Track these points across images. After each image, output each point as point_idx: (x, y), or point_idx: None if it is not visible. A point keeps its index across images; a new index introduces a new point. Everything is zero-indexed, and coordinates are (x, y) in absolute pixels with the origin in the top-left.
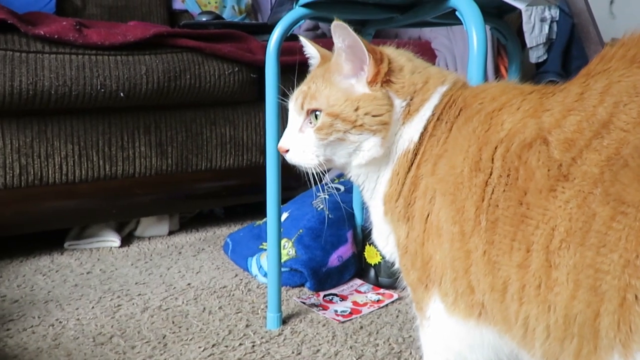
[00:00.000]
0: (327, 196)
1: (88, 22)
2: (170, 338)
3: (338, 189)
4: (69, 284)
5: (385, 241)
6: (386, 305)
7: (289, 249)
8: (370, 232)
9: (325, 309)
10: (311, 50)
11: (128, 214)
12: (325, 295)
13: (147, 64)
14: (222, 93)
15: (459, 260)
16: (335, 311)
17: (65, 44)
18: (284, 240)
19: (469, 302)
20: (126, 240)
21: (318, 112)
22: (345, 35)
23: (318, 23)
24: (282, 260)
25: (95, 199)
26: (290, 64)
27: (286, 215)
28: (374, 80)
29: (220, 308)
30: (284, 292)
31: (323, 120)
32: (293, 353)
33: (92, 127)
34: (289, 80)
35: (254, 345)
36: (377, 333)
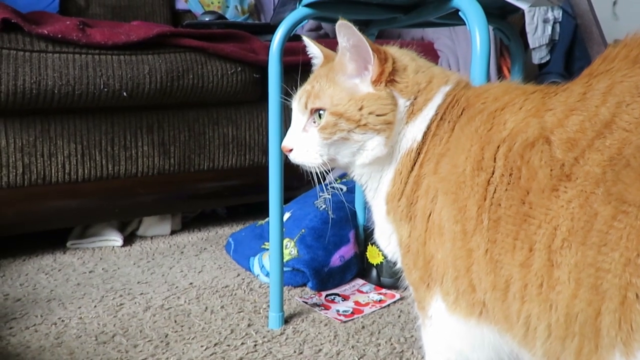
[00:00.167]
0: (330, 196)
1: (91, 22)
2: (173, 337)
3: (340, 189)
4: (72, 283)
5: (388, 240)
6: (388, 305)
7: (291, 249)
8: (372, 232)
9: (327, 308)
10: (314, 50)
11: (130, 214)
12: (327, 295)
13: (150, 63)
14: (225, 93)
15: (461, 259)
16: (337, 311)
17: (69, 43)
18: (286, 240)
19: (470, 301)
20: (128, 240)
21: (322, 112)
22: (350, 35)
23: (321, 23)
24: (284, 260)
25: (97, 199)
26: (293, 64)
27: (288, 215)
28: (378, 79)
29: (222, 307)
30: (286, 292)
31: (327, 120)
32: (295, 352)
33: (95, 127)
34: (292, 79)
35: (255, 345)
36: (379, 333)
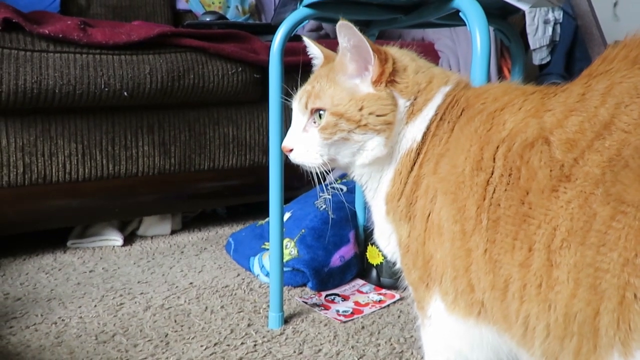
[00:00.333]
0: (330, 196)
1: (92, 22)
2: (173, 337)
3: (341, 189)
4: (72, 282)
5: (387, 241)
6: (388, 305)
7: (291, 249)
8: (372, 232)
9: (327, 308)
10: (315, 51)
11: (131, 213)
12: (327, 295)
13: (151, 63)
14: (226, 93)
15: (460, 259)
16: (337, 311)
17: (70, 43)
18: (286, 240)
19: (469, 301)
20: (129, 239)
21: (322, 112)
22: (351, 35)
23: (321, 23)
24: (285, 260)
25: (98, 198)
26: (293, 64)
27: (288, 215)
28: (379, 80)
29: (222, 307)
30: (286, 292)
31: (327, 120)
32: (295, 352)
33: (96, 126)
34: (292, 80)
35: (255, 345)
36: (379, 333)
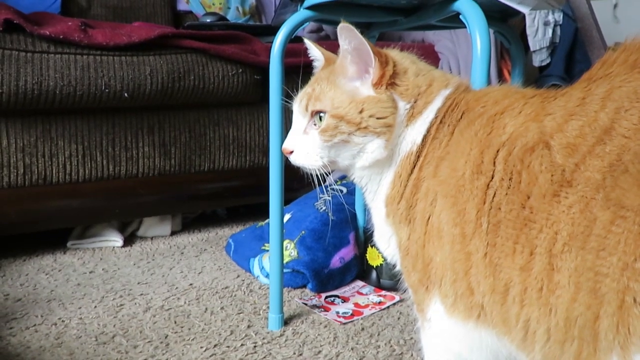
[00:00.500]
0: (330, 198)
1: (93, 23)
2: (172, 338)
3: (341, 191)
4: (72, 283)
5: (387, 243)
6: (388, 307)
7: (291, 250)
8: (372, 234)
9: (326, 310)
10: (315, 53)
11: (131, 214)
12: (326, 297)
13: (152, 64)
14: (226, 94)
15: (459, 262)
16: (337, 313)
17: (71, 44)
18: (286, 241)
19: (468, 304)
20: (129, 240)
21: (322, 114)
22: (352, 37)
23: (322, 25)
24: (284, 262)
25: (98, 199)
26: (294, 65)
27: (288, 216)
28: (379, 82)
29: (222, 308)
30: (286, 293)
31: (328, 122)
32: (294, 354)
33: (96, 127)
34: (293, 81)
35: (255, 346)
36: (379, 335)
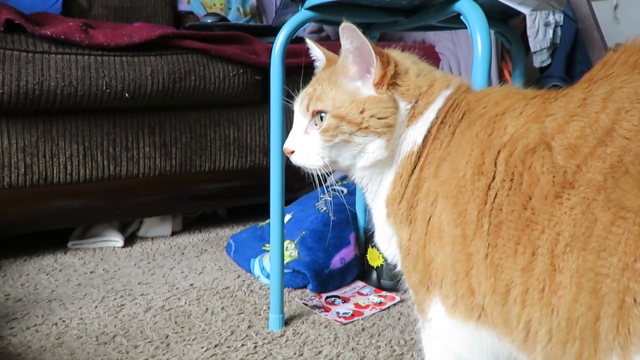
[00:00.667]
0: (331, 198)
1: (94, 23)
2: (173, 338)
3: (341, 191)
4: (73, 283)
5: (388, 243)
6: (388, 307)
7: (291, 251)
8: (372, 235)
9: (327, 310)
10: (317, 53)
11: (131, 214)
12: (327, 297)
13: (153, 65)
14: (227, 94)
15: (460, 263)
16: (338, 313)
17: (72, 44)
18: (287, 241)
19: (469, 305)
20: (129, 241)
21: (323, 114)
22: (354, 37)
23: (322, 26)
24: (285, 262)
25: (99, 199)
26: (295, 66)
27: (289, 216)
28: (381, 82)
29: (222, 309)
30: (286, 294)
31: (329, 122)
32: (295, 354)
33: (97, 128)
34: (294, 82)
35: (256, 346)
36: (379, 335)
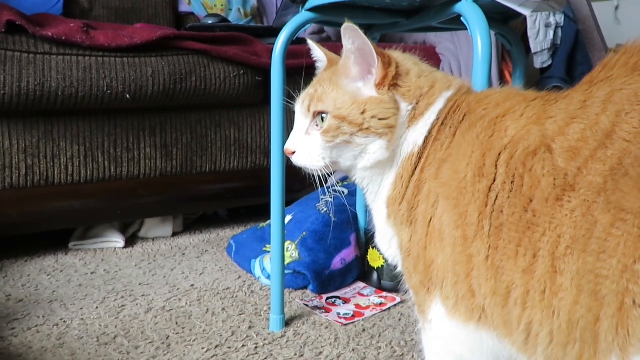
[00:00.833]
0: (331, 199)
1: (95, 24)
2: (174, 339)
3: (342, 192)
4: (74, 284)
5: (388, 244)
6: (389, 308)
7: (292, 252)
8: (373, 235)
9: (328, 311)
10: (318, 54)
11: (132, 215)
12: (328, 298)
13: (154, 66)
14: (228, 95)
15: (461, 265)
16: (338, 314)
17: (73, 45)
18: (288, 242)
19: (469, 306)
20: (130, 241)
21: (324, 115)
22: (356, 38)
23: (323, 27)
24: (286, 263)
25: (100, 200)
26: (295, 67)
27: (290, 217)
28: (382, 83)
29: (223, 309)
30: (287, 295)
31: (330, 123)
32: (296, 355)
33: (98, 128)
34: (295, 82)
35: (256, 347)
36: (380, 336)
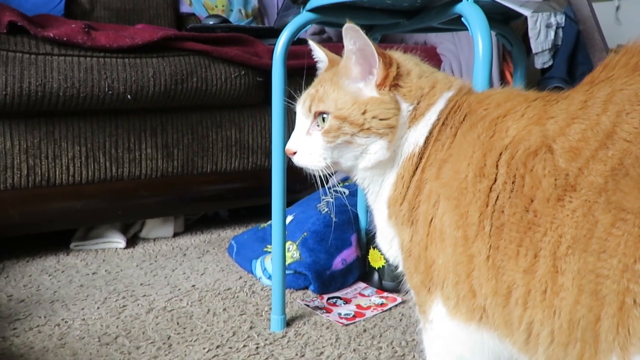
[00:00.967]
0: (332, 199)
1: (96, 25)
2: (175, 339)
3: (343, 192)
4: (75, 284)
5: (389, 244)
6: (390, 308)
7: (293, 252)
8: (374, 236)
9: (329, 311)
10: (320, 54)
11: (133, 216)
12: (329, 298)
13: (155, 66)
14: (228, 96)
15: (462, 265)
16: (339, 314)
17: (74, 46)
18: (289, 243)
19: (470, 306)
20: (131, 242)
21: (325, 115)
22: (357, 38)
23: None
24: (287, 263)
25: (101, 200)
26: (296, 67)
27: (291, 218)
28: (383, 83)
29: (224, 310)
30: (288, 295)
31: (331, 123)
32: (297, 355)
33: (99, 129)
34: (296, 83)
35: (257, 347)
36: (381, 336)
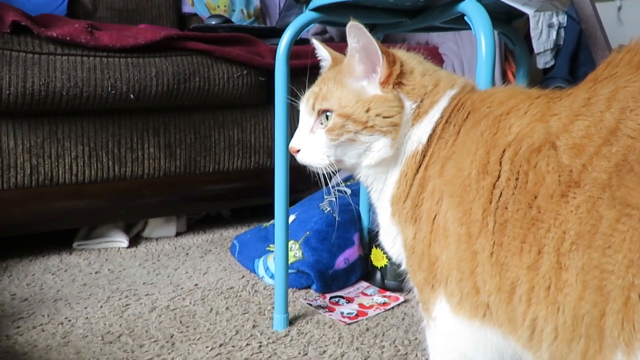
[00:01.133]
0: (335, 199)
1: (99, 25)
2: (178, 337)
3: (345, 192)
4: (78, 283)
5: (392, 242)
6: (392, 307)
7: (295, 251)
8: (376, 235)
9: (331, 310)
10: (323, 53)
11: (136, 215)
12: (331, 297)
13: (157, 66)
14: (231, 96)
15: (465, 262)
16: (342, 313)
17: (77, 45)
18: (291, 242)
19: (474, 303)
20: (134, 241)
21: (329, 113)
22: (361, 36)
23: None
24: (289, 262)
25: (104, 200)
26: (298, 67)
27: (293, 217)
28: (386, 81)
29: (227, 309)
30: (291, 294)
31: (334, 121)
32: (299, 354)
33: (102, 129)
34: (299, 82)
35: (260, 346)
36: (383, 335)
